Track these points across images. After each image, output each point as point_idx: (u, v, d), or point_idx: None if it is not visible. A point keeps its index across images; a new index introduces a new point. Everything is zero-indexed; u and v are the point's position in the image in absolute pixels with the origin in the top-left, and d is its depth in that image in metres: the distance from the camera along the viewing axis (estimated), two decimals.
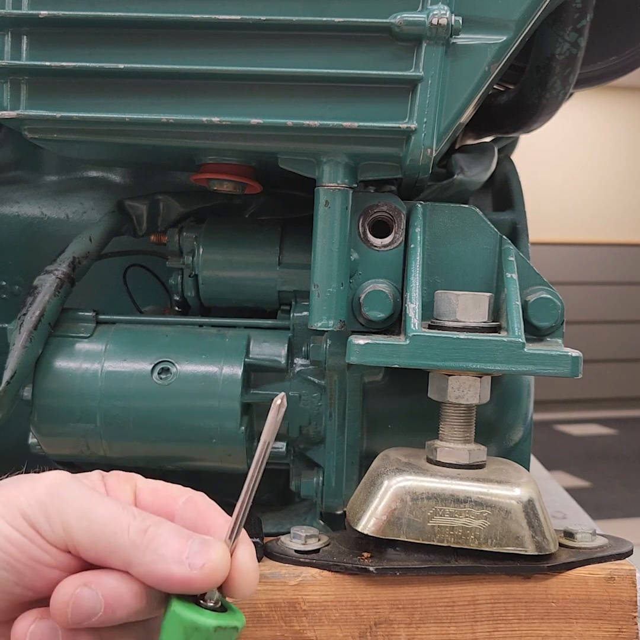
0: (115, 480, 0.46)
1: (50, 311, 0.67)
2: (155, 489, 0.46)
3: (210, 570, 0.41)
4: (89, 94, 0.59)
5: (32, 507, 0.41)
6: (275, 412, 0.41)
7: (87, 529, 0.40)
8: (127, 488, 0.45)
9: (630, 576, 0.56)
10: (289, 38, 0.57)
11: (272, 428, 0.42)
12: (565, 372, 0.55)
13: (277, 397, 0.41)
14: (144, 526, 0.41)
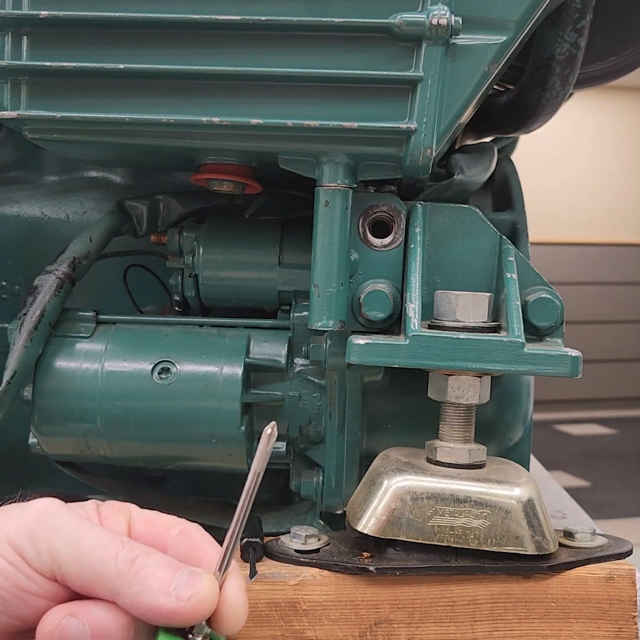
0: (110, 510, 0.46)
1: (51, 311, 0.67)
2: (150, 519, 0.45)
3: (197, 603, 0.40)
4: (89, 94, 0.59)
5: (19, 534, 0.40)
6: (265, 441, 0.41)
7: (75, 557, 0.40)
8: (121, 518, 0.45)
9: (630, 576, 0.56)
10: (289, 38, 0.57)
11: (262, 458, 0.41)
12: (565, 372, 0.55)
13: (267, 427, 0.40)
14: (133, 556, 0.40)
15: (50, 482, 0.80)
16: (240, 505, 0.41)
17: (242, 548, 0.57)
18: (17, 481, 0.84)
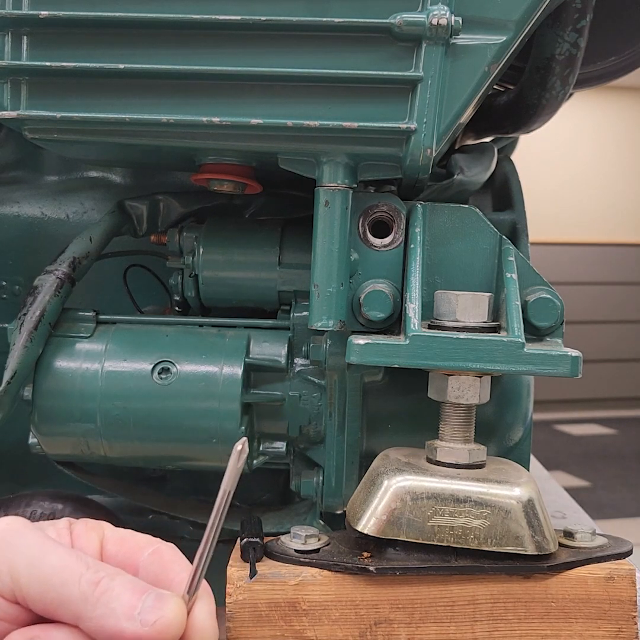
0: (83, 529, 0.44)
1: (51, 311, 0.67)
2: (123, 538, 0.44)
3: (162, 628, 0.38)
4: (90, 94, 0.59)
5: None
6: (235, 458, 0.39)
7: (37, 578, 0.38)
8: (93, 536, 0.43)
9: (630, 576, 0.56)
10: (289, 38, 0.57)
11: (232, 475, 0.39)
12: (565, 372, 0.55)
13: (237, 443, 0.39)
14: (97, 577, 0.39)
15: (50, 482, 0.80)
16: (210, 525, 0.40)
17: (242, 548, 0.57)
18: (17, 481, 0.84)
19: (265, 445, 0.70)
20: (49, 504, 0.72)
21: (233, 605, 0.54)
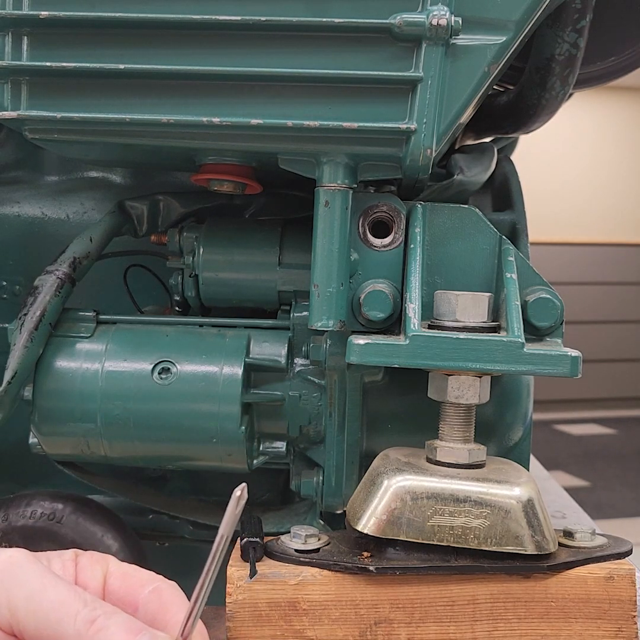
0: (88, 561, 0.44)
1: (51, 311, 0.67)
2: (126, 573, 0.44)
3: None
4: (90, 95, 0.59)
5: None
6: (234, 504, 0.38)
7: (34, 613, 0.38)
8: (97, 570, 0.44)
9: (630, 576, 0.56)
10: (289, 39, 0.57)
11: (230, 521, 0.38)
12: (565, 372, 0.56)
13: (237, 489, 0.38)
14: (93, 616, 0.39)
15: (50, 482, 0.80)
16: (206, 570, 0.39)
17: (242, 548, 0.57)
18: (17, 481, 0.84)
19: (265, 445, 0.70)
20: (49, 503, 0.72)
21: (233, 605, 0.54)
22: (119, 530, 0.72)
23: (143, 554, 0.73)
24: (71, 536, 0.71)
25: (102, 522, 0.72)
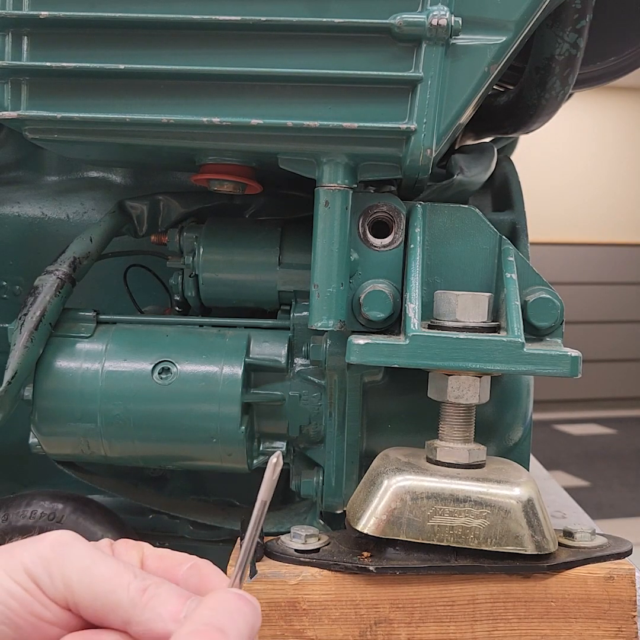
0: (123, 547, 0.46)
1: (51, 311, 0.67)
2: (161, 555, 0.46)
3: None
4: (90, 95, 0.59)
5: (34, 562, 0.41)
6: (271, 470, 0.41)
7: (88, 585, 0.40)
8: (134, 554, 0.46)
9: (630, 575, 0.56)
10: (289, 39, 0.57)
11: (268, 487, 0.41)
12: (565, 372, 0.56)
13: (273, 456, 0.41)
14: (144, 585, 0.41)
15: (50, 482, 0.80)
16: (248, 535, 0.42)
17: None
18: (17, 481, 0.84)
19: (265, 445, 0.70)
20: (49, 503, 0.72)
21: None
22: (119, 530, 0.72)
23: None
24: None
25: (102, 522, 0.72)
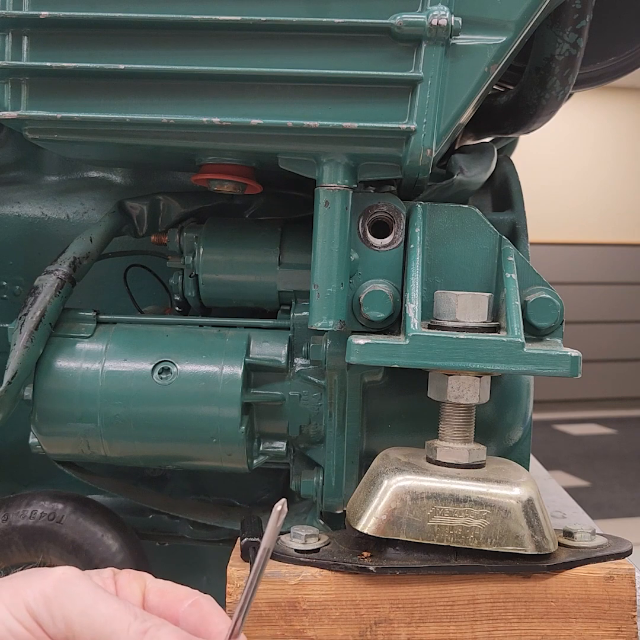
0: (126, 579, 0.46)
1: (51, 311, 0.67)
2: (163, 590, 0.46)
3: None
4: (90, 95, 0.59)
5: (36, 600, 0.41)
6: (276, 518, 0.41)
7: (89, 626, 0.41)
8: (135, 587, 0.46)
9: (630, 575, 0.56)
10: (289, 39, 0.57)
11: (272, 534, 0.41)
12: (565, 372, 0.56)
13: (277, 504, 0.41)
14: (144, 627, 0.41)
15: (50, 482, 0.80)
16: (250, 580, 0.42)
17: (242, 548, 0.57)
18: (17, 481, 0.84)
19: (265, 445, 0.70)
20: (49, 503, 0.72)
21: (233, 605, 0.54)
22: (119, 530, 0.72)
23: (143, 553, 0.74)
24: (71, 536, 0.71)
25: (103, 522, 0.72)
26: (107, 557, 0.70)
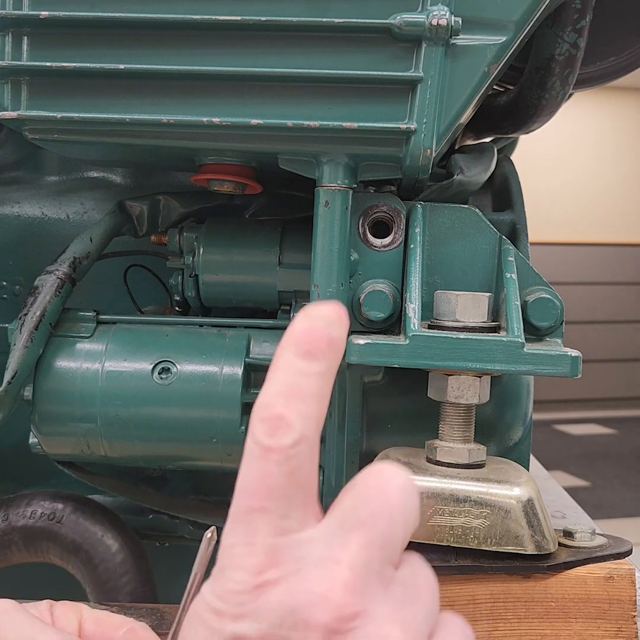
0: (62, 610, 0.47)
1: (51, 311, 0.67)
2: (99, 618, 0.47)
3: None
4: (90, 95, 0.59)
5: None
6: (205, 545, 0.42)
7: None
8: (72, 617, 0.46)
9: (630, 575, 0.56)
10: (289, 39, 0.57)
11: (203, 560, 0.42)
12: (565, 372, 0.56)
13: (208, 531, 0.42)
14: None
15: (50, 482, 0.80)
16: (182, 606, 0.42)
17: None
18: (17, 481, 0.84)
19: None
20: (49, 503, 0.72)
21: None
22: (119, 530, 0.72)
23: (143, 553, 0.74)
24: (71, 536, 0.71)
25: (102, 522, 0.72)
26: (107, 557, 0.70)
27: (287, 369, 0.35)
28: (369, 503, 0.34)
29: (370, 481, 0.35)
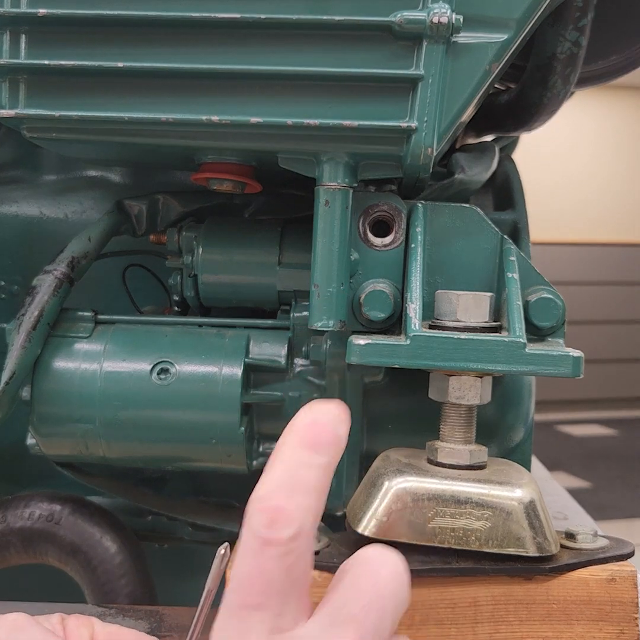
0: (75, 624, 0.46)
1: (49, 311, 0.67)
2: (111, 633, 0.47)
3: None
4: (88, 93, 0.59)
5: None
6: (219, 562, 0.43)
7: None
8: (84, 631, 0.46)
9: (632, 577, 0.56)
10: (289, 36, 0.57)
11: (216, 577, 0.43)
12: (567, 373, 0.55)
13: (221, 547, 0.43)
14: None
15: (48, 483, 0.80)
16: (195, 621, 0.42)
17: None
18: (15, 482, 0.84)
19: (265, 446, 0.70)
20: (47, 505, 0.71)
21: None
22: (118, 532, 0.72)
23: (142, 555, 0.73)
24: (70, 538, 0.70)
25: (101, 524, 0.72)
26: (105, 559, 0.70)
27: (290, 459, 0.34)
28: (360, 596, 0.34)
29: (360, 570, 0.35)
